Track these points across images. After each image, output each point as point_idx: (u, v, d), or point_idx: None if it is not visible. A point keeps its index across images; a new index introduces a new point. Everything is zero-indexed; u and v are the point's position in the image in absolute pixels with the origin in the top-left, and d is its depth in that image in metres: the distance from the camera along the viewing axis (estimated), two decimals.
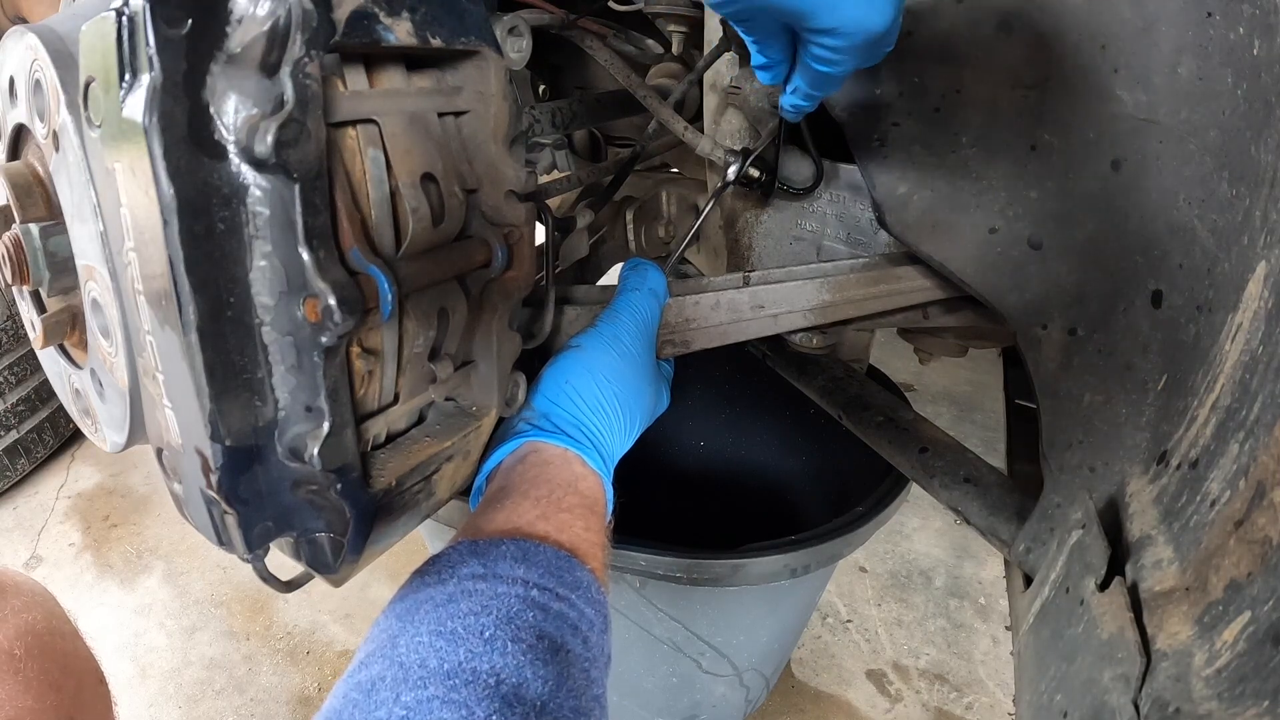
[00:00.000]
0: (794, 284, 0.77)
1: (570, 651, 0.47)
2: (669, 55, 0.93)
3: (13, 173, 0.49)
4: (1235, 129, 0.48)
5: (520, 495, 0.57)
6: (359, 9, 0.42)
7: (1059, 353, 0.63)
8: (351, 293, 0.41)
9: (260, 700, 1.49)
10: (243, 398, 0.41)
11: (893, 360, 1.92)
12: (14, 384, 1.95)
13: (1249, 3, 0.46)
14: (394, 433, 0.54)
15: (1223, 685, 0.34)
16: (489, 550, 0.51)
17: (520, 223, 0.56)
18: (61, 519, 1.95)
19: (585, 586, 0.52)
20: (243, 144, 0.38)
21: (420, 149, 0.48)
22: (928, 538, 1.87)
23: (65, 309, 0.52)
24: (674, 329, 0.78)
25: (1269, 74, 0.44)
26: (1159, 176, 0.55)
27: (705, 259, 1.05)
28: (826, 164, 0.83)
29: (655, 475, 1.51)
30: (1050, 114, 0.61)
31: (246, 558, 0.45)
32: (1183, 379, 0.50)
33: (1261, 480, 0.37)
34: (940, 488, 0.77)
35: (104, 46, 0.36)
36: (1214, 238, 0.49)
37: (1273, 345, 0.39)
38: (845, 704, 1.48)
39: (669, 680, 1.17)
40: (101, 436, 0.53)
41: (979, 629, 1.64)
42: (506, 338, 0.59)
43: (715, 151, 0.82)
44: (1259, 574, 0.35)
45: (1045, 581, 0.55)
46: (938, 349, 0.99)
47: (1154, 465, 0.50)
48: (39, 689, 0.65)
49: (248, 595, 1.71)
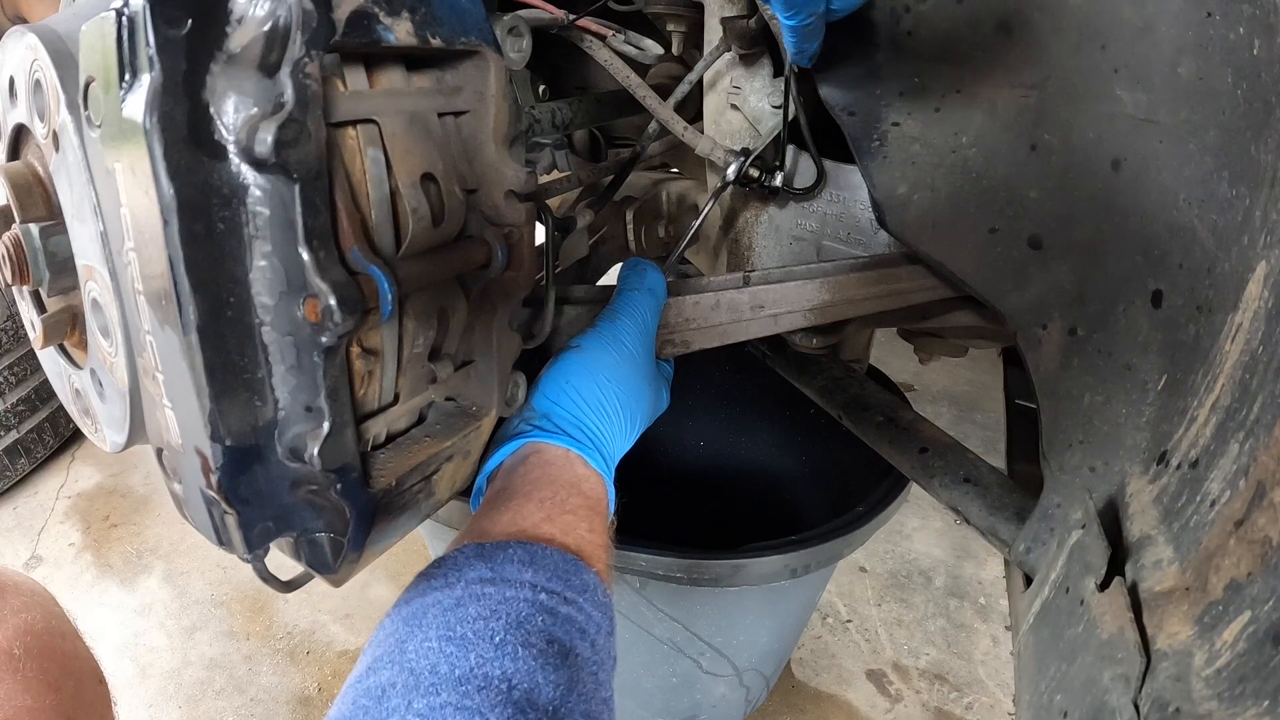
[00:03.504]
0: (794, 284, 0.77)
1: (579, 655, 0.47)
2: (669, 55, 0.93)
3: (13, 173, 0.49)
4: (1235, 129, 0.48)
5: (524, 497, 0.57)
6: (359, 9, 0.42)
7: (1059, 353, 0.63)
8: (351, 293, 0.41)
9: (260, 700, 1.49)
10: (243, 398, 0.41)
11: (893, 360, 1.92)
12: (14, 384, 1.95)
13: (1249, 3, 0.46)
14: (394, 433, 0.54)
15: (1223, 685, 0.34)
16: (495, 553, 0.51)
17: (520, 223, 0.56)
18: (61, 519, 1.95)
19: (592, 589, 0.52)
20: (243, 144, 0.38)
21: (420, 149, 0.48)
22: (928, 538, 1.87)
23: (65, 309, 0.52)
24: (674, 329, 0.78)
25: (1269, 74, 0.44)
26: (1159, 176, 0.55)
27: (705, 259, 1.05)
28: (827, 164, 0.83)
29: (655, 475, 1.51)
30: (1050, 114, 0.61)
31: (246, 558, 0.45)
32: (1183, 379, 0.50)
33: (1261, 480, 0.37)
34: (940, 488, 0.77)
35: (104, 46, 0.36)
36: (1214, 238, 0.49)
37: (1273, 345, 0.39)
38: (845, 704, 1.48)
39: (669, 680, 1.17)
40: (101, 436, 0.53)
41: (979, 629, 1.64)
42: (506, 338, 0.59)
43: (715, 151, 0.82)
44: (1259, 574, 0.35)
45: (1045, 581, 0.55)
46: (938, 349, 0.99)
47: (1154, 465, 0.50)
48: (38, 689, 0.65)
49: (248, 595, 1.71)
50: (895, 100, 0.70)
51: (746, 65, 0.84)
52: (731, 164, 0.81)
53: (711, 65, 0.83)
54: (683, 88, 0.83)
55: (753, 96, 0.85)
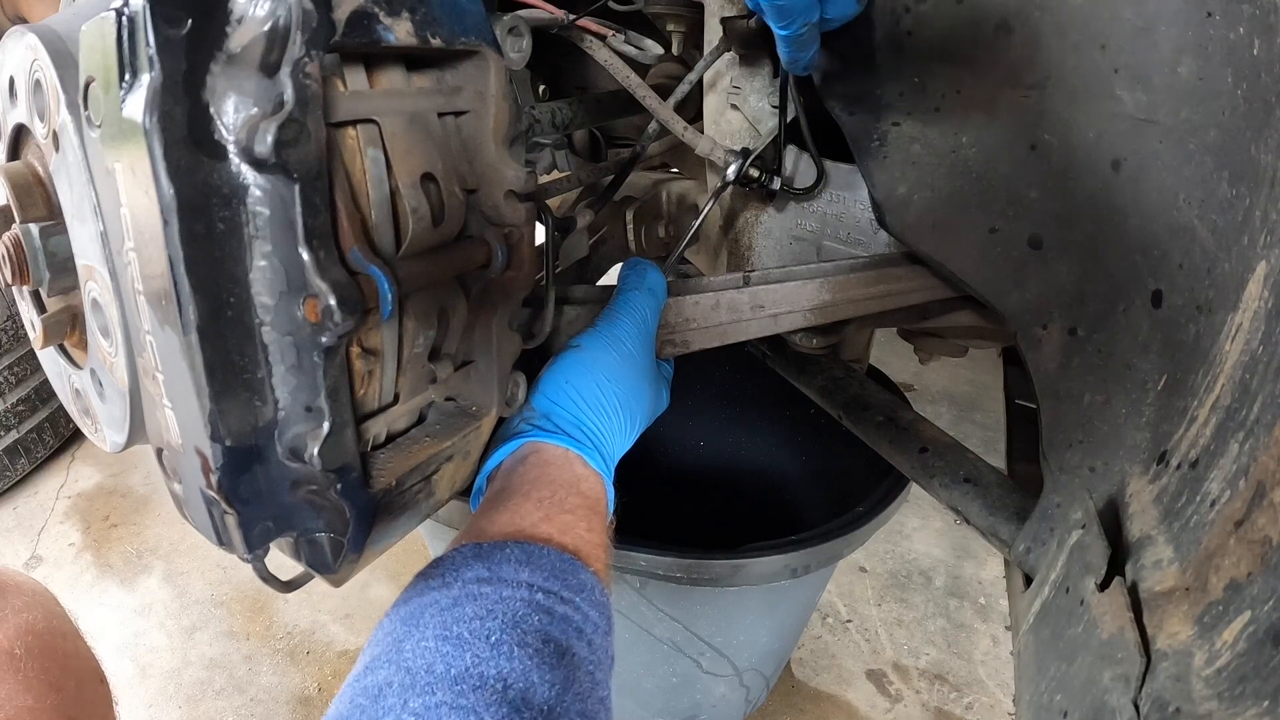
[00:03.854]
0: (794, 284, 0.77)
1: (576, 655, 0.47)
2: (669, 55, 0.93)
3: (13, 173, 0.49)
4: (1235, 129, 0.48)
5: (522, 497, 0.57)
6: (359, 9, 0.42)
7: (1059, 353, 0.63)
8: (351, 293, 0.41)
9: (260, 700, 1.49)
10: (243, 398, 0.41)
11: (893, 360, 1.92)
12: (14, 384, 1.95)
13: (1249, 3, 0.46)
14: (394, 433, 0.54)
15: (1223, 685, 0.34)
16: (493, 553, 0.51)
17: (520, 223, 0.56)
18: (61, 519, 1.95)
19: (589, 589, 0.52)
20: (243, 144, 0.38)
21: (420, 149, 0.48)
22: (928, 538, 1.87)
23: (65, 309, 0.52)
24: (674, 329, 0.78)
25: (1269, 74, 0.44)
26: (1159, 176, 0.55)
27: (705, 259, 1.05)
28: (826, 164, 0.83)
29: (655, 475, 1.51)
30: (1050, 114, 0.61)
31: (246, 558, 0.45)
32: (1183, 379, 0.50)
33: (1261, 480, 0.37)
34: (940, 488, 0.77)
35: (104, 46, 0.36)
36: (1214, 238, 0.49)
37: (1273, 345, 0.39)
38: (845, 704, 1.48)
39: (669, 680, 1.17)
40: (101, 436, 0.53)
41: (979, 629, 1.64)
42: (506, 338, 0.59)
43: (715, 151, 0.82)
44: (1259, 574, 0.35)
45: (1045, 581, 0.55)
46: (938, 349, 0.99)
47: (1154, 465, 0.50)
48: (39, 689, 0.65)
49: (248, 595, 1.71)
50: (895, 100, 0.70)
51: (746, 65, 0.84)
52: (731, 164, 0.81)
53: (711, 65, 0.83)
54: (683, 88, 0.83)
55: (753, 96, 0.85)
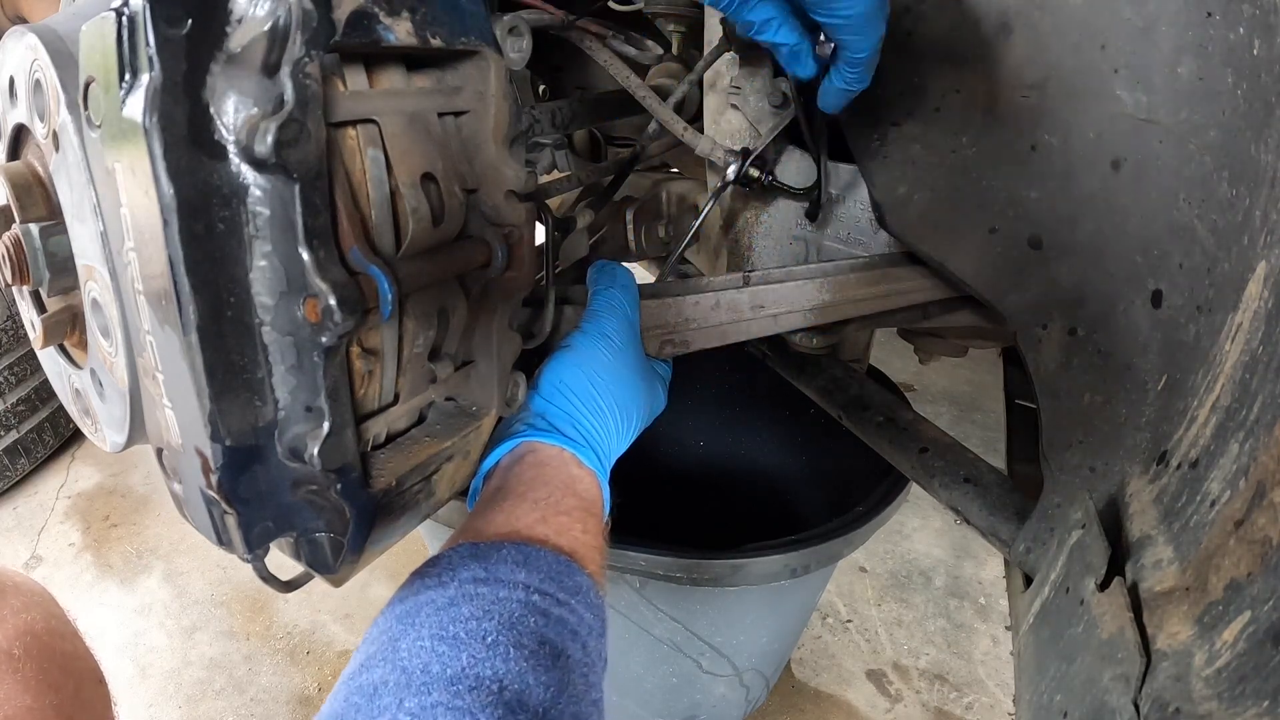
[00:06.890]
0: (794, 284, 0.77)
1: (570, 657, 0.47)
2: (669, 55, 0.93)
3: (13, 173, 0.49)
4: (1235, 129, 0.48)
5: (518, 497, 0.57)
6: (359, 9, 0.42)
7: (1059, 353, 0.63)
8: (351, 293, 0.41)
9: (260, 700, 1.49)
10: (243, 398, 0.41)
11: (893, 360, 1.92)
12: (14, 384, 1.95)
13: (1249, 3, 0.46)
14: (394, 433, 0.54)
15: (1223, 685, 0.34)
16: (489, 553, 0.51)
17: (520, 223, 0.56)
18: (61, 519, 1.95)
19: (584, 591, 0.52)
20: (243, 144, 0.37)
21: (420, 149, 0.48)
22: (928, 538, 1.87)
23: (65, 309, 0.52)
24: (674, 329, 0.77)
25: (1269, 74, 0.44)
26: (1159, 176, 0.55)
27: (705, 259, 1.05)
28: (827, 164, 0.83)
29: (655, 475, 1.51)
30: (1050, 114, 0.61)
31: (246, 558, 0.45)
32: (1183, 379, 0.50)
33: (1261, 480, 0.37)
34: (940, 488, 0.78)
35: (104, 46, 0.36)
36: (1214, 238, 0.49)
37: (1273, 345, 0.39)
38: (845, 704, 1.48)
39: (669, 680, 1.17)
40: (101, 436, 0.53)
41: (979, 629, 1.64)
42: (506, 337, 0.59)
43: (715, 151, 0.82)
44: (1259, 574, 0.35)
45: (1045, 581, 0.55)
46: (938, 349, 0.99)
47: (1154, 465, 0.50)
48: (38, 689, 0.65)
49: (248, 595, 1.71)
50: (895, 100, 0.70)
51: (746, 65, 0.83)
52: (731, 164, 0.81)
53: (711, 65, 0.83)
54: (683, 88, 0.83)
55: (753, 96, 0.85)
